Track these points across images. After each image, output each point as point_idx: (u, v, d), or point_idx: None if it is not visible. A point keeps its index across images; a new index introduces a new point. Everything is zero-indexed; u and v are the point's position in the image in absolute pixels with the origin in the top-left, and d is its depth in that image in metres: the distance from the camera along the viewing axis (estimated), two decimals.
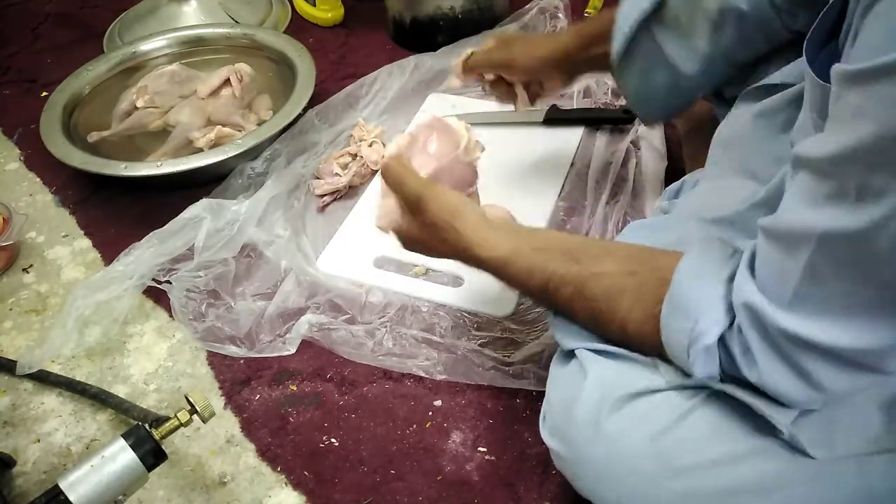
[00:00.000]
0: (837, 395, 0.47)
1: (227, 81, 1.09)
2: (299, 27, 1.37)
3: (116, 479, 0.58)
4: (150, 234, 0.87)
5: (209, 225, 0.88)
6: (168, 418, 0.63)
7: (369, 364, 0.77)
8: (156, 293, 0.86)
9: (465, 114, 1.07)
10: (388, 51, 1.27)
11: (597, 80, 1.11)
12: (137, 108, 1.08)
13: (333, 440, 0.72)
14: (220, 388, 0.77)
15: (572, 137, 1.03)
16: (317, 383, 0.77)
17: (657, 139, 0.99)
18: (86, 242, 0.96)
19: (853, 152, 0.38)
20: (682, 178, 0.81)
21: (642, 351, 0.54)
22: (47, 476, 0.71)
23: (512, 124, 1.06)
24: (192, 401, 0.62)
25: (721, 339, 0.48)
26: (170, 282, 0.85)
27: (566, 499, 0.65)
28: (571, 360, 0.58)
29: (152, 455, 0.60)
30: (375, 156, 0.98)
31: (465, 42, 1.18)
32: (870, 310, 0.41)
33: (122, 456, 0.58)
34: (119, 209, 1.00)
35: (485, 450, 0.70)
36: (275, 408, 0.75)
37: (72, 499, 0.56)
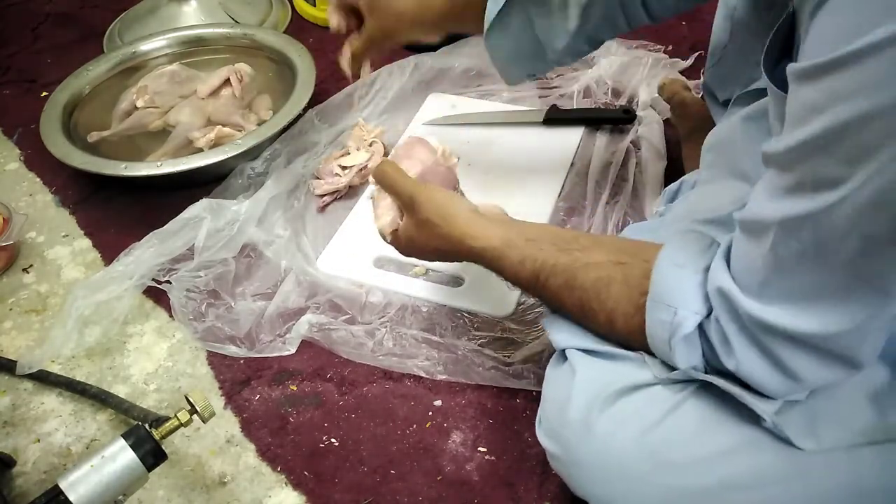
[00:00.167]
0: (816, 387, 0.48)
1: (227, 81, 1.09)
2: (299, 27, 1.37)
3: (116, 479, 0.58)
4: (150, 234, 0.87)
5: (209, 225, 0.88)
6: (168, 418, 0.63)
7: (369, 364, 0.77)
8: (156, 293, 0.86)
9: (465, 114, 1.07)
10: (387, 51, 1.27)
11: (597, 80, 1.11)
12: (137, 108, 1.08)
13: (333, 440, 0.72)
14: (220, 388, 0.77)
15: (572, 137, 1.03)
16: (317, 383, 0.77)
17: (657, 139, 0.99)
18: (86, 242, 0.96)
19: (806, 144, 0.39)
20: (680, 179, 0.81)
21: (630, 345, 0.55)
22: (47, 476, 0.71)
23: (512, 124, 1.06)
24: (192, 401, 0.62)
25: (701, 330, 0.49)
26: (170, 282, 0.85)
27: (566, 499, 0.65)
28: (565, 363, 0.58)
29: (152, 455, 0.60)
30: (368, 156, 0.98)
31: (464, 42, 1.17)
32: (832, 294, 0.42)
33: (122, 456, 0.58)
34: (119, 209, 1.00)
35: (485, 450, 0.70)
36: (275, 408, 0.75)
37: (72, 499, 0.56)
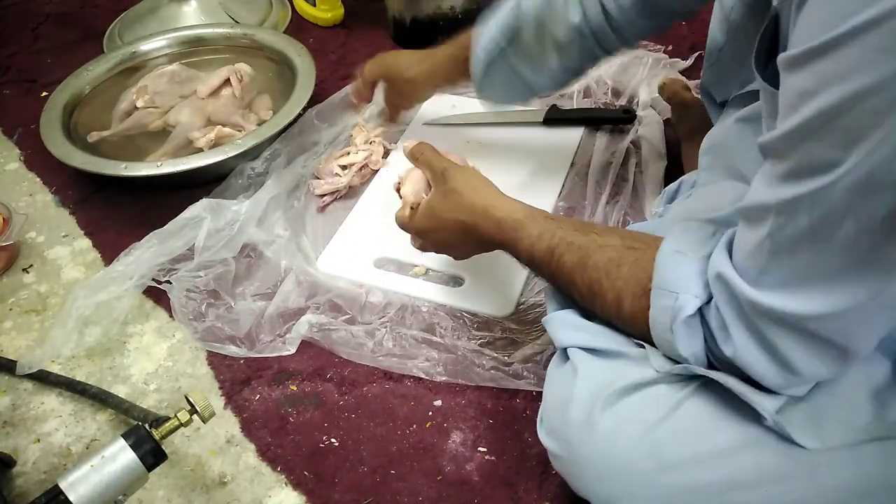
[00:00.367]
0: (812, 379, 0.48)
1: (227, 81, 1.09)
2: (299, 27, 1.37)
3: (116, 479, 0.58)
4: (150, 234, 0.87)
5: (209, 225, 0.88)
6: (168, 418, 0.63)
7: (369, 364, 0.77)
8: (156, 293, 0.86)
9: (465, 114, 1.07)
10: (387, 51, 1.26)
11: (597, 80, 1.11)
12: (137, 108, 1.08)
13: (333, 440, 0.72)
14: (220, 388, 0.77)
15: (572, 137, 1.03)
16: (317, 383, 0.77)
17: (657, 139, 0.99)
18: (86, 242, 0.96)
19: (799, 130, 0.40)
20: (679, 179, 0.82)
21: (634, 331, 0.55)
22: (47, 476, 0.71)
23: (512, 124, 1.06)
24: (192, 401, 0.62)
25: (703, 317, 0.49)
26: (170, 282, 0.85)
27: (566, 499, 0.65)
28: (567, 362, 0.58)
29: (152, 455, 0.60)
30: (374, 155, 0.99)
31: None
32: (829, 276, 0.42)
33: (122, 456, 0.58)
34: (119, 209, 1.00)
35: (485, 450, 0.70)
36: (275, 408, 0.75)
37: (72, 499, 0.56)
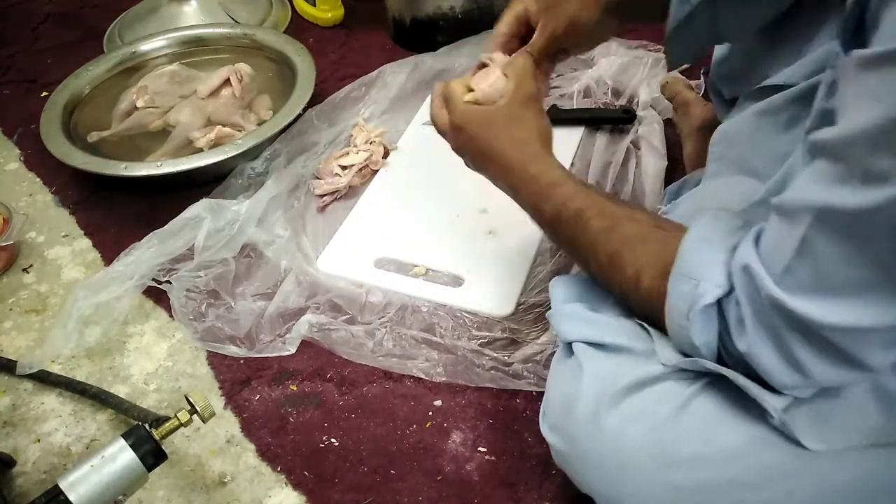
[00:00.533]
0: (821, 385, 0.48)
1: (227, 81, 1.09)
2: (299, 27, 1.37)
3: (116, 479, 0.58)
4: (150, 234, 0.87)
5: (209, 225, 0.88)
6: (168, 418, 0.63)
7: (369, 364, 0.77)
8: (156, 293, 0.86)
9: None
10: (388, 51, 1.27)
11: (597, 80, 1.11)
12: (137, 108, 1.08)
13: (333, 440, 0.72)
14: (220, 388, 0.77)
15: (572, 137, 1.03)
16: (317, 383, 0.76)
17: (657, 139, 0.99)
18: (86, 242, 0.96)
19: (862, 134, 0.38)
20: (682, 178, 0.81)
21: (645, 312, 0.55)
22: (47, 476, 0.71)
23: None
24: (192, 401, 0.62)
25: (720, 308, 0.48)
26: (170, 282, 0.85)
27: (566, 499, 0.65)
28: (572, 357, 0.58)
29: (152, 455, 0.60)
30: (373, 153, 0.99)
31: (464, 42, 1.17)
32: (857, 288, 0.42)
33: (122, 456, 0.58)
34: (119, 209, 1.00)
35: (485, 450, 0.70)
36: (275, 408, 0.75)
37: (72, 499, 0.56)
